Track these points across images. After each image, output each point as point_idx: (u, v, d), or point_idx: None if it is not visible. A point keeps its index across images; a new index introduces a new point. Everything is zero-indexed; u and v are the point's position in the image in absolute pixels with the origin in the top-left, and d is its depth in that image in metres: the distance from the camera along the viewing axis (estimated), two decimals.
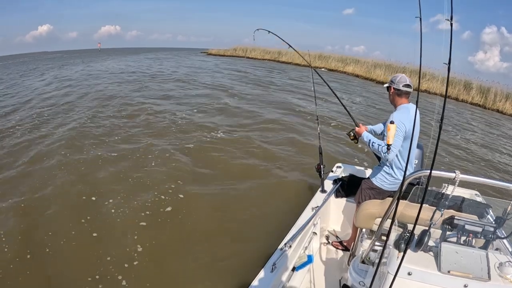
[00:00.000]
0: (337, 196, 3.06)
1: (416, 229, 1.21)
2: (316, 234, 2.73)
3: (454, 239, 1.41)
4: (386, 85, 2.49)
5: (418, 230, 1.34)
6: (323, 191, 3.05)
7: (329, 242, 2.94)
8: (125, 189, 4.26)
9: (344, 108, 2.95)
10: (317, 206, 2.72)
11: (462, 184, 1.57)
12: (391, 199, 1.49)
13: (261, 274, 1.94)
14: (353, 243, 2.50)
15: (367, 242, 2.04)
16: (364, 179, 2.72)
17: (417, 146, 2.61)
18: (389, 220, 1.31)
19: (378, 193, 2.51)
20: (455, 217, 1.43)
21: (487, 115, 13.35)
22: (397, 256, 1.33)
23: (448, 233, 1.46)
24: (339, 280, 2.40)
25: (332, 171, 3.54)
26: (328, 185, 3.17)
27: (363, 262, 1.83)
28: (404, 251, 1.17)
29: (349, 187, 3.04)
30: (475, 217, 1.58)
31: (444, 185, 1.44)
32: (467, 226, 1.40)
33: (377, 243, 1.74)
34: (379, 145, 2.32)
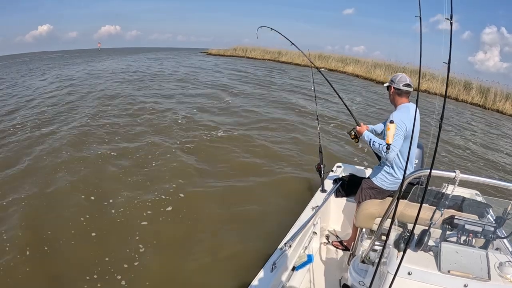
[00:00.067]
0: (337, 196, 3.05)
1: (416, 228, 1.21)
2: (316, 233, 2.72)
3: (454, 239, 1.41)
4: (386, 84, 2.49)
5: (418, 230, 1.34)
6: (323, 190, 3.05)
7: (329, 242, 2.94)
8: (126, 188, 4.26)
9: (346, 107, 2.94)
10: (317, 206, 2.72)
11: (462, 184, 1.57)
12: (391, 198, 1.49)
13: (261, 273, 1.94)
14: (353, 243, 2.49)
15: (367, 241, 2.04)
16: (364, 178, 2.71)
17: (418, 146, 2.60)
18: (389, 220, 1.31)
19: (379, 192, 2.50)
20: (455, 216, 1.43)
21: (487, 115, 13.32)
22: (397, 256, 1.33)
23: (448, 233, 1.46)
24: (339, 280, 2.40)
25: (332, 171, 3.54)
26: (328, 184, 3.17)
27: (363, 261, 1.83)
28: (404, 251, 1.17)
29: (349, 186, 3.04)
30: (475, 216, 1.57)
31: (444, 185, 1.44)
32: (467, 226, 1.40)
33: (377, 242, 1.73)
34: (380, 144, 2.32)
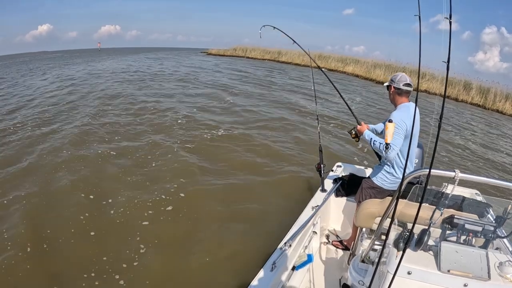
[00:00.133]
0: (337, 195, 3.05)
1: (416, 228, 1.21)
2: (316, 233, 2.72)
3: (454, 238, 1.41)
4: (386, 84, 2.48)
5: (418, 229, 1.34)
6: (323, 190, 3.05)
7: (329, 242, 2.94)
8: (126, 188, 4.27)
9: (346, 105, 2.94)
10: (317, 205, 2.72)
11: (462, 183, 1.57)
12: (391, 198, 1.49)
13: (261, 273, 1.93)
14: (353, 243, 2.49)
15: (367, 241, 2.03)
16: (364, 178, 2.71)
17: (418, 146, 2.60)
18: (389, 219, 1.31)
19: (379, 192, 2.50)
20: (455, 216, 1.43)
21: (487, 115, 13.32)
22: (397, 255, 1.33)
23: (448, 232, 1.46)
24: (339, 280, 2.40)
25: (332, 170, 3.54)
26: (328, 184, 3.17)
27: (363, 261, 1.83)
28: (404, 250, 1.17)
29: (349, 186, 3.03)
30: (475, 216, 1.57)
31: (444, 184, 1.44)
32: (467, 225, 1.40)
33: (377, 242, 1.73)
34: (380, 143, 2.31)
